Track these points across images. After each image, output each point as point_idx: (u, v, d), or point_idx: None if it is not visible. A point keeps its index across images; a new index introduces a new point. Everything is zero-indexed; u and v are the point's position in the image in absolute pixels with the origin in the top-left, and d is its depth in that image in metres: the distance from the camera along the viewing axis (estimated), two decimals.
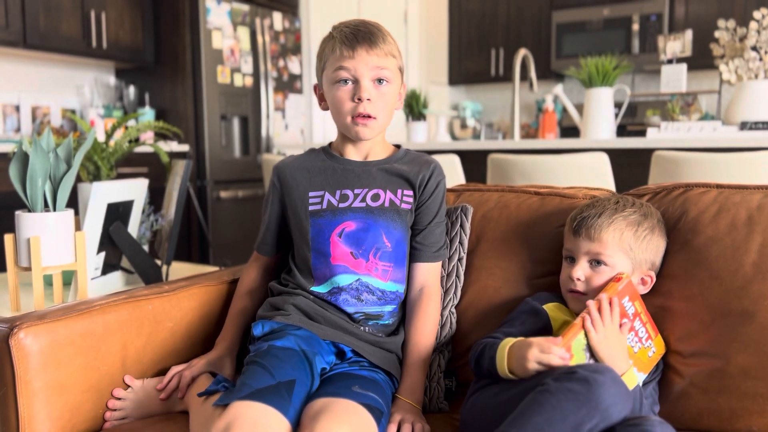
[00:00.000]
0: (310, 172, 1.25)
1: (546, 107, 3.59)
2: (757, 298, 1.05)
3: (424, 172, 1.24)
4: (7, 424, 1.05)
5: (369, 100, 1.17)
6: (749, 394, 1.03)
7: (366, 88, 1.17)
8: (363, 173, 1.23)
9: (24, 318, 1.07)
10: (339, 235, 1.19)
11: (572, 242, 1.14)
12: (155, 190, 2.23)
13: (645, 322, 1.08)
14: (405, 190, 1.23)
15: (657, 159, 2.29)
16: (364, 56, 1.16)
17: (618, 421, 0.86)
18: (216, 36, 4.03)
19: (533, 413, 0.85)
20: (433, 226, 1.26)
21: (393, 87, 1.21)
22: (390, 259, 1.20)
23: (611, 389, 0.85)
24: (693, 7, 4.82)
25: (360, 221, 1.19)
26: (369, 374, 1.12)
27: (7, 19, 3.32)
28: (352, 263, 1.18)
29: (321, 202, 1.21)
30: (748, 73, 2.73)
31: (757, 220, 1.10)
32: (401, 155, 1.27)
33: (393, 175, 1.23)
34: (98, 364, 1.14)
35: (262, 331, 1.15)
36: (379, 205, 1.20)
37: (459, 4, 5.75)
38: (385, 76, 1.18)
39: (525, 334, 1.09)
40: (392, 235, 1.20)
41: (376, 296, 1.19)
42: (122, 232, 1.61)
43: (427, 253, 1.25)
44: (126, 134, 1.85)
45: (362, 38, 1.17)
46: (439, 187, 1.26)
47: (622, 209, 1.12)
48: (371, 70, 1.17)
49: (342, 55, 1.17)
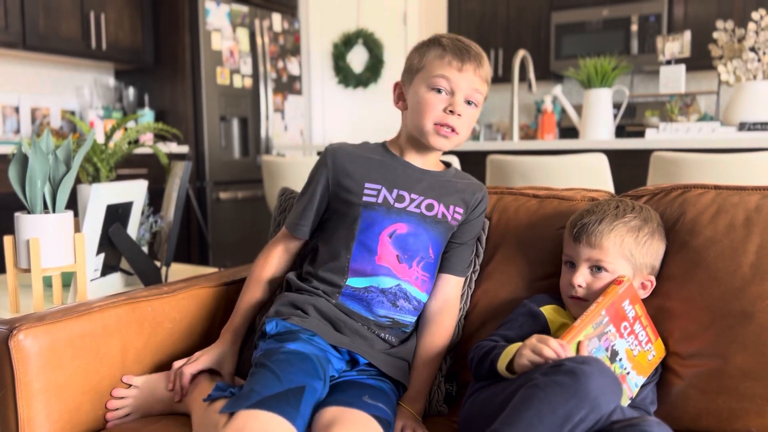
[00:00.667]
0: (368, 162, 1.21)
1: (545, 108, 3.59)
2: (755, 299, 1.05)
3: (477, 193, 1.26)
4: (6, 425, 1.05)
5: (460, 116, 1.17)
6: (748, 395, 1.03)
7: (460, 103, 1.16)
8: (421, 180, 1.21)
9: (23, 319, 1.07)
10: (389, 236, 1.17)
11: (572, 248, 1.14)
12: (155, 192, 2.23)
13: (645, 325, 1.08)
14: (458, 207, 1.22)
15: (656, 160, 2.29)
16: (470, 74, 1.16)
17: (609, 412, 0.86)
18: (215, 37, 4.04)
19: (523, 408, 0.86)
20: (467, 246, 1.27)
21: (477, 111, 1.21)
22: (429, 270, 1.20)
23: (599, 379, 0.85)
24: (692, 8, 4.82)
25: (412, 226, 1.17)
26: (377, 383, 1.12)
27: (7, 20, 3.32)
28: (396, 267, 1.16)
29: (377, 196, 1.18)
30: (746, 74, 2.73)
31: (756, 221, 1.10)
32: (453, 173, 1.28)
33: (450, 189, 1.23)
34: (98, 365, 1.14)
35: (275, 330, 1.12)
36: (433, 216, 1.19)
37: (458, 5, 5.75)
38: (476, 100, 1.19)
39: (522, 337, 1.09)
40: (436, 247, 1.20)
41: (412, 305, 1.18)
42: (122, 233, 1.61)
43: (460, 267, 1.25)
44: (125, 136, 1.85)
45: (474, 57, 1.17)
46: (484, 210, 1.29)
47: (622, 215, 1.11)
48: (470, 89, 1.17)
49: (449, 65, 1.16)
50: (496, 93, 5.88)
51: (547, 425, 0.84)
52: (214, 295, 1.35)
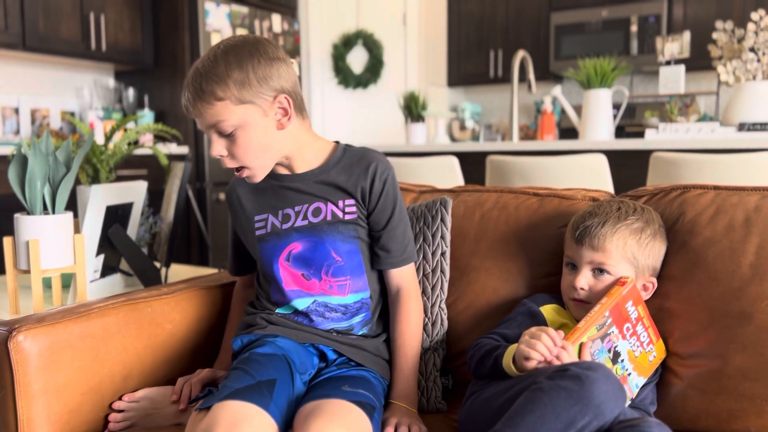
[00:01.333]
0: (254, 194, 1.20)
1: (544, 108, 3.59)
2: (754, 299, 1.05)
3: (362, 181, 1.14)
4: (6, 426, 1.05)
5: (222, 156, 1.09)
6: (747, 396, 1.03)
7: (213, 146, 1.07)
8: (300, 189, 1.16)
9: (23, 321, 1.07)
10: (287, 259, 1.15)
11: (574, 250, 1.13)
12: (154, 193, 2.23)
13: (647, 326, 1.08)
14: (346, 200, 1.15)
15: (655, 160, 2.29)
16: (197, 112, 1.06)
17: (612, 419, 0.86)
18: (215, 38, 4.04)
19: (527, 412, 0.86)
20: (391, 228, 1.17)
21: (244, 132, 1.06)
22: (344, 273, 1.15)
23: (603, 386, 0.85)
24: (691, 8, 4.82)
25: (305, 240, 1.14)
26: (357, 373, 1.11)
27: (7, 21, 3.32)
28: (305, 285, 1.15)
29: (265, 226, 1.17)
30: (746, 75, 2.74)
31: (755, 222, 1.10)
32: (337, 159, 1.17)
33: (330, 186, 1.15)
34: (98, 366, 1.14)
35: (241, 344, 1.14)
36: (322, 220, 1.14)
37: (458, 6, 5.75)
38: (223, 128, 1.05)
39: (520, 335, 1.10)
40: (341, 248, 1.14)
41: (339, 312, 1.16)
42: (121, 234, 1.61)
43: (393, 259, 1.18)
44: (125, 136, 1.85)
45: (189, 94, 1.06)
46: (386, 187, 1.16)
47: (625, 217, 1.11)
48: (207, 127, 1.07)
49: (188, 110, 1.09)
50: (495, 93, 5.89)
51: (550, 430, 0.84)
52: (214, 295, 1.35)
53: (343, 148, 1.19)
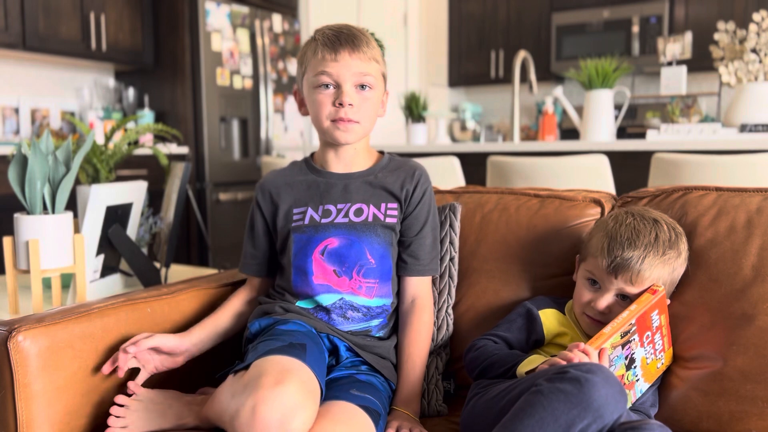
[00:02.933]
0: (293, 188, 1.23)
1: (546, 109, 3.59)
2: (756, 301, 1.05)
3: (408, 184, 1.21)
4: (5, 427, 1.04)
5: (351, 105, 1.14)
6: (749, 397, 1.03)
7: (348, 93, 1.14)
8: (345, 187, 1.20)
9: (23, 321, 1.07)
10: (321, 253, 1.16)
11: (604, 275, 1.08)
12: (154, 193, 2.23)
13: (665, 335, 1.07)
14: (389, 203, 1.19)
15: (657, 161, 2.29)
16: (347, 59, 1.13)
17: (612, 421, 0.85)
18: (215, 38, 4.04)
19: (525, 415, 0.85)
20: (422, 237, 1.22)
21: (376, 93, 1.18)
22: (374, 276, 1.17)
23: (603, 389, 0.84)
24: (693, 9, 4.82)
25: (343, 237, 1.16)
26: (366, 378, 1.12)
27: (7, 21, 3.32)
28: (335, 282, 1.16)
29: (303, 218, 1.19)
30: (747, 76, 2.73)
31: (757, 223, 1.10)
32: (384, 164, 1.24)
33: (376, 187, 1.20)
34: (97, 366, 1.13)
35: (259, 328, 1.15)
36: (363, 221, 1.17)
37: (459, 6, 5.75)
38: (368, 82, 1.15)
39: (521, 341, 1.10)
40: (376, 251, 1.17)
41: (361, 313, 1.17)
42: (121, 234, 1.61)
43: (418, 267, 1.22)
44: (125, 137, 1.85)
45: (345, 41, 1.14)
46: (425, 196, 1.22)
47: (663, 251, 1.06)
48: (354, 75, 1.14)
49: (324, 59, 1.14)
50: (496, 94, 5.89)
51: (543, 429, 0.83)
52: (214, 296, 1.35)
53: (389, 157, 1.27)
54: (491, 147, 2.98)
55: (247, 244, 1.28)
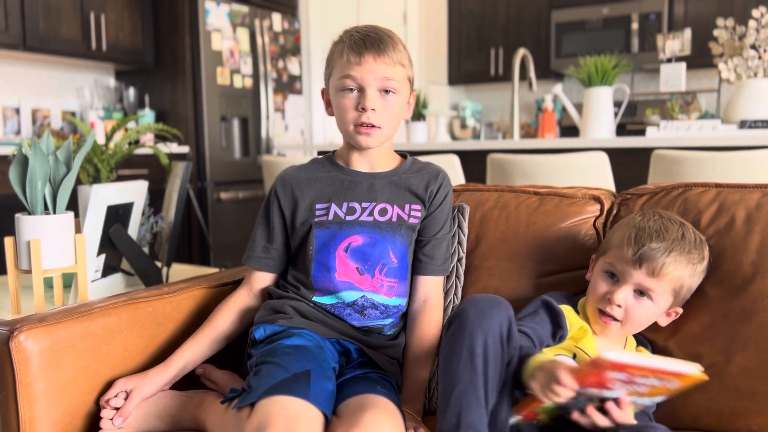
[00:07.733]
0: (315, 183, 1.22)
1: (545, 107, 3.59)
2: (756, 297, 1.05)
3: (432, 185, 1.22)
4: (8, 427, 1.05)
5: (374, 110, 1.13)
6: (749, 394, 1.03)
7: (371, 98, 1.13)
8: (370, 186, 1.20)
9: (24, 321, 1.07)
10: (345, 250, 1.16)
11: (625, 266, 1.06)
12: (155, 192, 2.23)
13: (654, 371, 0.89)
14: (413, 204, 1.20)
15: (656, 158, 2.29)
16: (371, 64, 1.12)
17: (507, 321, 0.94)
18: (215, 37, 4.04)
19: (444, 371, 0.94)
20: (439, 238, 1.23)
21: (400, 98, 1.17)
22: (395, 275, 1.18)
23: (471, 312, 0.93)
24: (692, 5, 4.82)
25: (367, 236, 1.16)
26: (380, 376, 1.13)
27: (7, 21, 3.32)
28: (358, 279, 1.16)
29: (327, 214, 1.18)
30: (747, 72, 2.73)
31: (756, 220, 1.10)
32: (408, 166, 1.24)
33: (401, 188, 1.21)
34: (99, 366, 1.14)
35: (264, 334, 1.14)
36: (387, 220, 1.18)
37: (458, 4, 5.75)
38: (392, 87, 1.14)
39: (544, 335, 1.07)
40: (399, 250, 1.18)
41: (378, 311, 1.17)
42: (122, 234, 1.61)
43: (433, 266, 1.23)
44: (126, 136, 1.85)
45: (371, 45, 1.12)
46: (446, 199, 1.24)
47: (689, 250, 1.05)
48: (377, 79, 1.13)
49: (349, 62, 1.13)
50: (496, 92, 5.88)
51: (460, 366, 0.92)
52: (215, 295, 1.35)
53: (412, 159, 1.27)
54: (491, 145, 2.98)
55: (260, 238, 1.25)
